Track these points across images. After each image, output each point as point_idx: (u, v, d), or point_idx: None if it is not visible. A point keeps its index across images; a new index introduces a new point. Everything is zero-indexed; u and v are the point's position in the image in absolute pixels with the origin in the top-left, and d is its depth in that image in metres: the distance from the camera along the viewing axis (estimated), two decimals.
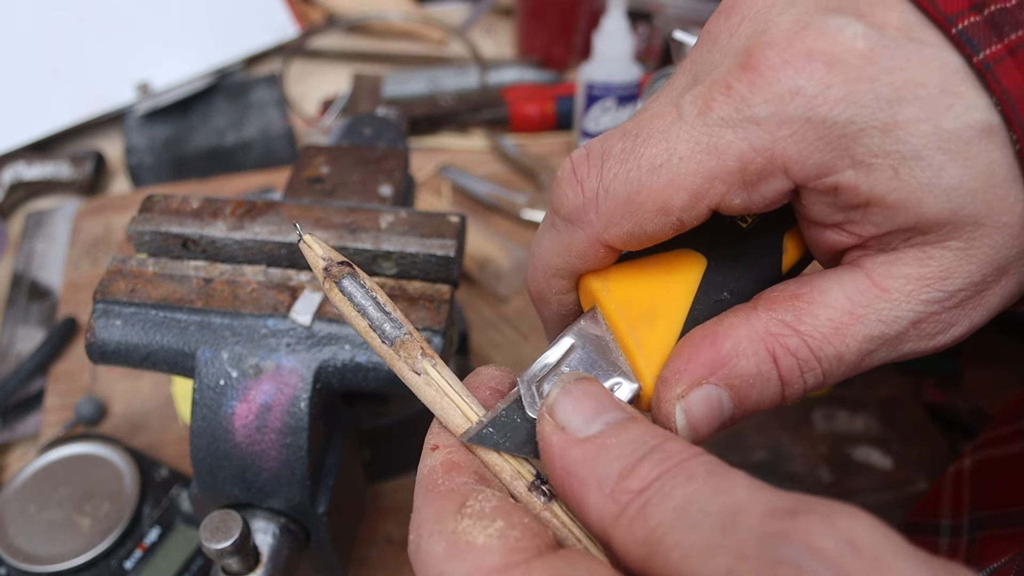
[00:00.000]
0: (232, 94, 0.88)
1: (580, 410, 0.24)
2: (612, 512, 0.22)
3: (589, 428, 0.24)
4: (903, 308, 0.26)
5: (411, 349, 0.28)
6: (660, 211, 0.26)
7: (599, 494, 0.22)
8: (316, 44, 0.97)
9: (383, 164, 0.51)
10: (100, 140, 0.87)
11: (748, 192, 0.26)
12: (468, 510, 0.23)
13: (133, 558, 0.52)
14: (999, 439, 0.45)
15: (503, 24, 1.03)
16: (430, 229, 0.43)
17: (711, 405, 0.27)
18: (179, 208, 0.44)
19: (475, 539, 0.22)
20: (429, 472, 0.26)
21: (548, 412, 0.25)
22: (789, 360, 0.26)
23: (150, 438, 0.61)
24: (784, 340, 0.26)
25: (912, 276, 0.26)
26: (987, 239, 0.25)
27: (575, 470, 0.23)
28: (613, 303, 0.29)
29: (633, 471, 0.22)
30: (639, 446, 0.23)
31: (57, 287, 0.73)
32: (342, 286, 0.28)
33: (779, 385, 0.27)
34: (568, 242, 0.29)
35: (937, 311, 0.26)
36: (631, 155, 0.26)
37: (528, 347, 0.67)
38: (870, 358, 0.27)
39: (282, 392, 0.40)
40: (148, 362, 0.42)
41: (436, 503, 0.24)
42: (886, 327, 0.26)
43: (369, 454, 0.55)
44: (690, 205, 0.26)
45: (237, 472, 0.41)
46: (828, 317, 0.26)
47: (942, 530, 0.45)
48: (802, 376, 0.27)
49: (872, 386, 0.66)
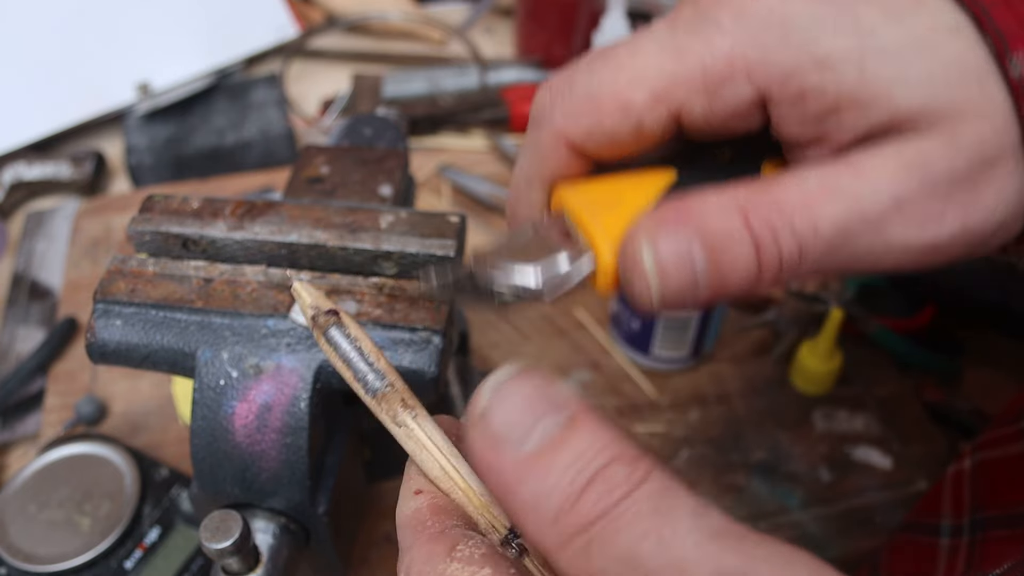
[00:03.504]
0: (232, 94, 0.88)
1: (515, 418, 0.22)
2: (554, 544, 0.21)
3: (526, 443, 0.22)
4: (880, 187, 0.25)
5: (392, 402, 0.28)
6: (620, 108, 0.26)
7: (537, 520, 0.21)
8: (316, 44, 0.97)
9: (383, 164, 0.51)
10: (100, 140, 0.87)
11: (709, 99, 0.26)
12: (458, 554, 0.23)
13: (133, 558, 0.52)
14: (999, 439, 0.45)
15: (503, 24, 1.03)
16: (430, 229, 0.43)
17: (681, 253, 0.25)
18: (179, 208, 0.44)
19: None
20: (415, 514, 0.26)
21: (480, 419, 0.23)
22: (761, 221, 0.25)
23: (150, 438, 0.61)
24: (756, 206, 0.25)
25: (891, 160, 0.25)
26: (969, 128, 0.24)
27: (513, 490, 0.22)
28: (576, 197, 0.29)
29: (576, 505, 0.20)
30: (581, 470, 0.21)
31: (57, 287, 0.73)
32: (328, 336, 0.29)
33: (752, 247, 0.25)
34: (535, 143, 0.29)
35: (919, 195, 0.25)
36: (599, 58, 0.27)
37: (528, 347, 0.67)
38: (853, 240, 0.25)
39: (282, 392, 0.40)
40: (148, 362, 0.42)
41: (427, 545, 0.24)
42: (863, 204, 0.25)
43: (369, 454, 0.55)
44: (649, 106, 0.26)
45: (237, 472, 0.41)
46: (801, 190, 0.25)
47: (942, 530, 0.45)
48: (776, 240, 0.25)
49: (872, 386, 0.66)
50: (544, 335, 0.68)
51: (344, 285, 0.42)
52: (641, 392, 0.65)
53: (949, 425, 0.63)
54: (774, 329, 0.67)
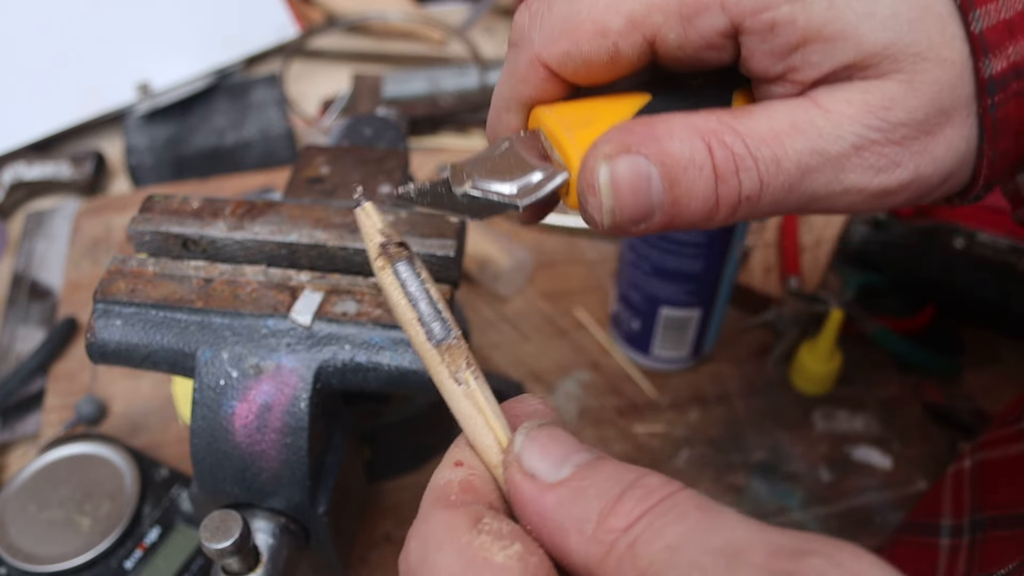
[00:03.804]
0: (232, 94, 0.88)
1: (547, 455, 0.23)
2: (597, 554, 0.21)
3: (559, 472, 0.23)
4: (844, 128, 0.26)
5: (457, 356, 0.26)
6: (597, 32, 0.27)
7: (580, 538, 0.21)
8: (316, 44, 0.97)
9: (383, 164, 0.51)
10: (100, 140, 0.87)
11: (684, 26, 0.26)
12: (485, 527, 0.22)
13: (133, 558, 0.52)
14: (1000, 440, 0.45)
15: (503, 24, 1.03)
16: (430, 229, 0.43)
17: (638, 173, 0.26)
18: (179, 208, 0.44)
19: (493, 556, 0.21)
20: (445, 484, 0.25)
21: (515, 460, 0.24)
22: (724, 152, 0.26)
23: (150, 438, 0.61)
24: (721, 135, 0.26)
25: (855, 101, 0.26)
26: (929, 73, 0.25)
27: (551, 516, 0.22)
28: (552, 114, 0.29)
29: (615, 509, 0.21)
30: (616, 483, 0.22)
31: (57, 287, 0.73)
32: (397, 270, 0.26)
33: (712, 178, 0.26)
34: (513, 65, 0.29)
35: (879, 141, 0.26)
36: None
37: (528, 347, 0.67)
38: (811, 178, 0.26)
39: (282, 392, 0.40)
40: (148, 362, 0.42)
41: (448, 513, 0.23)
42: (826, 143, 0.26)
43: (369, 454, 0.55)
44: (626, 31, 0.27)
45: (237, 472, 0.41)
46: (769, 125, 0.26)
47: (942, 531, 0.45)
48: (737, 173, 0.26)
49: (872, 386, 0.66)
50: (544, 335, 0.68)
51: (344, 285, 0.42)
52: (641, 392, 0.65)
53: (949, 425, 0.63)
54: (774, 329, 0.67)
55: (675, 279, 0.59)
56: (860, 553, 0.19)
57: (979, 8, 0.25)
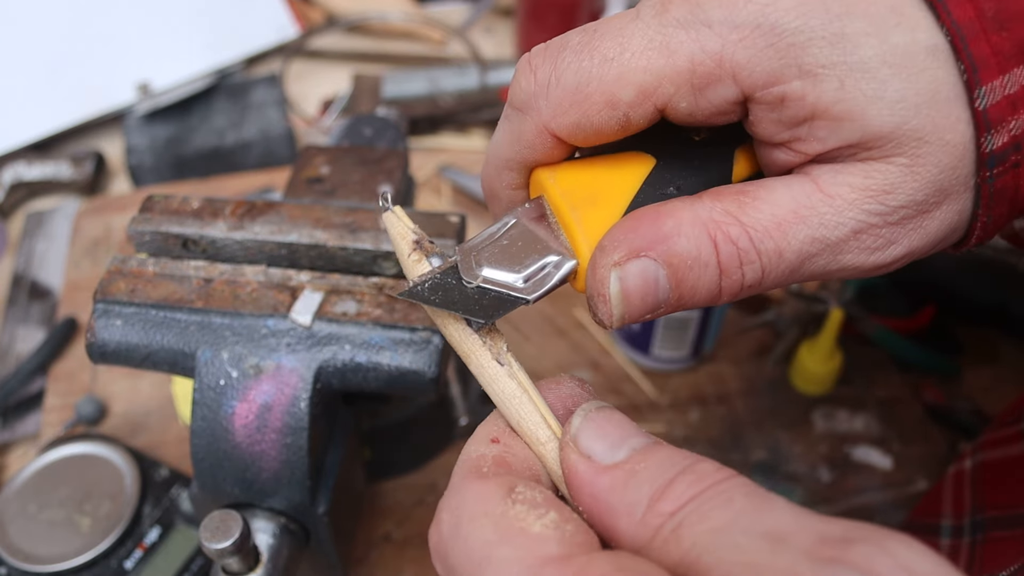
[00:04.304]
0: (232, 94, 0.88)
1: (604, 437, 0.24)
2: (644, 536, 0.21)
3: (615, 455, 0.23)
4: (845, 214, 0.26)
5: (497, 339, 0.27)
6: (607, 104, 0.27)
7: (629, 520, 0.22)
8: (316, 44, 0.97)
9: (383, 164, 0.51)
10: (100, 140, 0.87)
11: (695, 96, 0.26)
12: (519, 496, 0.22)
13: (133, 558, 0.52)
14: (1000, 440, 0.45)
15: (503, 24, 1.03)
16: (430, 229, 0.43)
17: (647, 279, 0.26)
18: (179, 208, 0.44)
19: (530, 526, 0.21)
20: (478, 458, 0.25)
21: (572, 441, 0.24)
22: (729, 248, 0.26)
23: (150, 438, 0.61)
24: (726, 228, 0.26)
25: (857, 186, 0.26)
26: (931, 156, 0.25)
27: (604, 498, 0.23)
28: (557, 187, 0.29)
29: (665, 493, 0.21)
30: (669, 468, 0.22)
31: (57, 287, 0.73)
32: (431, 263, 0.28)
33: (717, 273, 0.26)
34: (519, 131, 0.29)
35: (878, 224, 0.26)
36: (586, 47, 0.27)
37: (528, 347, 0.67)
38: (810, 263, 0.27)
39: (282, 392, 0.40)
40: (148, 362, 0.42)
41: (481, 484, 0.23)
42: (827, 231, 0.26)
43: (369, 454, 0.55)
44: (637, 101, 0.26)
45: (237, 472, 0.41)
46: (772, 213, 0.26)
47: (943, 531, 0.45)
48: (741, 267, 0.26)
49: (872, 386, 0.66)
50: (544, 335, 0.68)
51: (344, 285, 0.42)
52: (641, 392, 0.65)
53: (949, 425, 0.63)
54: (774, 329, 0.67)
55: None
56: (910, 542, 0.19)
57: (984, 85, 0.25)
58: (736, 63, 0.25)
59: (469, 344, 0.27)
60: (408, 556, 0.54)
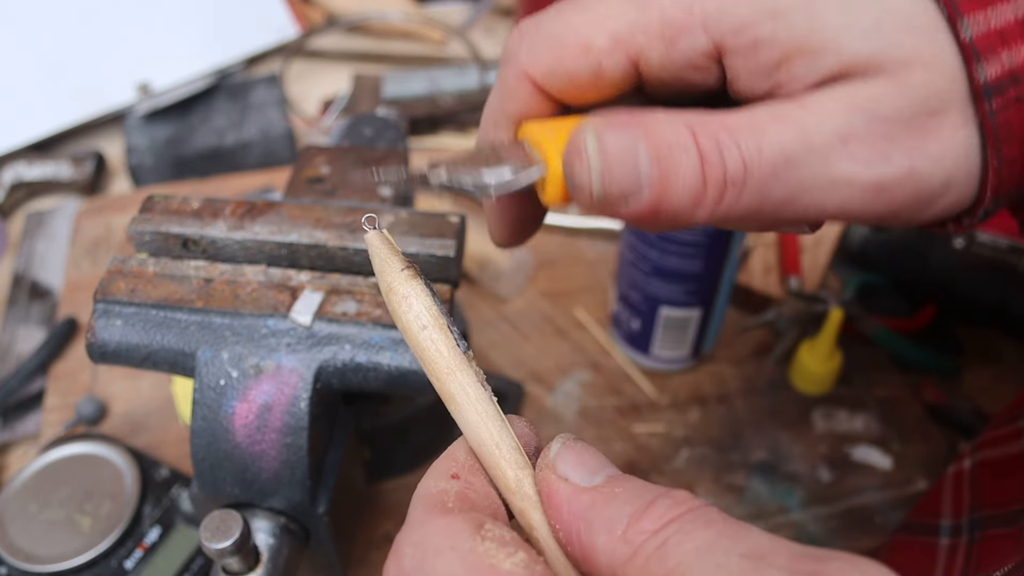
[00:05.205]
0: (232, 94, 0.88)
1: (583, 464, 0.24)
2: (624, 554, 0.21)
3: (593, 480, 0.24)
4: (825, 120, 0.25)
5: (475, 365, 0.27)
6: (581, 48, 0.28)
7: (609, 536, 0.22)
8: (316, 44, 0.97)
9: (383, 164, 0.51)
10: (100, 140, 0.87)
11: (667, 47, 0.27)
12: (488, 534, 0.22)
13: (133, 558, 0.52)
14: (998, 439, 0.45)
15: (503, 24, 1.03)
16: (430, 229, 0.43)
17: (626, 146, 0.26)
18: (179, 208, 0.44)
19: (500, 563, 0.21)
20: (439, 493, 0.25)
21: (551, 465, 0.25)
22: (708, 139, 0.25)
23: (150, 438, 0.61)
24: (703, 124, 0.26)
25: (840, 98, 0.25)
26: (917, 77, 0.25)
27: (583, 515, 0.23)
28: (536, 127, 0.29)
29: (646, 513, 0.22)
30: (646, 492, 0.23)
31: (57, 287, 0.73)
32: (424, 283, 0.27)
33: (697, 158, 0.25)
34: (502, 82, 0.30)
35: (865, 133, 0.25)
36: (568, 3, 0.28)
37: (528, 347, 0.67)
38: (796, 165, 0.25)
39: (282, 392, 0.40)
40: (148, 362, 0.42)
41: (448, 518, 0.23)
42: (809, 135, 0.25)
43: (369, 454, 0.55)
44: (609, 49, 0.27)
45: (237, 472, 0.41)
46: (749, 118, 0.26)
47: (942, 531, 0.45)
48: (720, 153, 0.25)
49: (872, 386, 0.66)
50: (544, 335, 0.68)
51: (344, 285, 0.42)
52: (641, 392, 0.65)
53: (949, 425, 0.63)
54: (774, 329, 0.67)
55: (675, 279, 0.59)
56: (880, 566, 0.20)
57: (967, 17, 0.24)
58: (706, 12, 0.26)
59: (456, 364, 0.26)
60: None
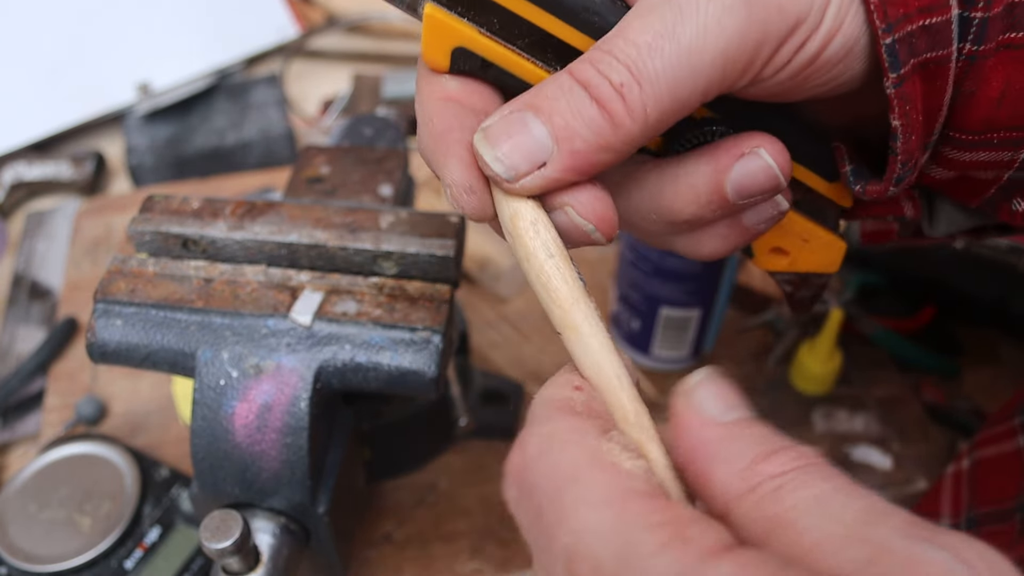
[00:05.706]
0: (232, 94, 0.88)
1: (720, 399, 0.25)
2: (740, 488, 0.22)
3: (726, 416, 0.24)
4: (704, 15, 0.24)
5: (586, 298, 0.28)
6: None
7: (728, 469, 0.22)
8: (316, 44, 0.97)
9: (383, 164, 0.51)
10: (100, 140, 0.87)
11: None
12: (615, 437, 0.23)
13: (133, 558, 0.52)
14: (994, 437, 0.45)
15: None
16: (430, 229, 0.43)
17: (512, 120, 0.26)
18: (179, 208, 0.44)
19: (622, 462, 0.22)
20: (566, 399, 0.26)
21: (687, 395, 0.25)
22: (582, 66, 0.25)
23: (150, 438, 0.61)
24: (578, 61, 0.26)
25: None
26: None
27: (708, 447, 0.23)
28: None
29: (769, 458, 0.22)
30: (775, 440, 0.23)
31: (57, 287, 0.73)
32: None
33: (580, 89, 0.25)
34: None
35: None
36: None
37: (528, 347, 0.67)
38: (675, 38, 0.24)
39: (282, 392, 0.40)
40: (148, 362, 0.42)
41: (576, 418, 0.24)
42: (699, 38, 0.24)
43: (369, 454, 0.55)
44: None
45: (237, 472, 0.41)
46: (618, 27, 0.25)
47: None
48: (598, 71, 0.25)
49: (872, 386, 0.66)
50: (544, 335, 0.68)
51: (344, 285, 0.42)
52: (641, 392, 0.65)
53: (949, 425, 0.63)
54: (774, 329, 0.67)
55: (675, 279, 0.59)
56: (995, 551, 0.20)
57: None
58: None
59: (578, 295, 0.28)
60: (408, 556, 0.54)
